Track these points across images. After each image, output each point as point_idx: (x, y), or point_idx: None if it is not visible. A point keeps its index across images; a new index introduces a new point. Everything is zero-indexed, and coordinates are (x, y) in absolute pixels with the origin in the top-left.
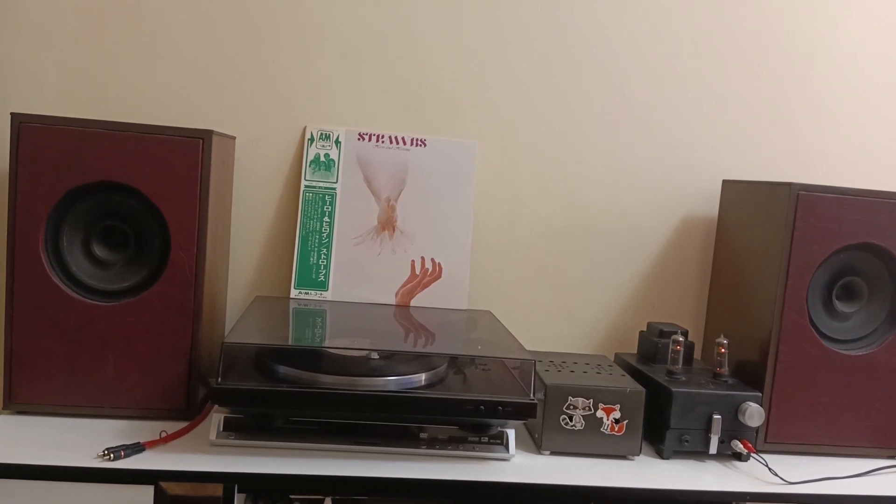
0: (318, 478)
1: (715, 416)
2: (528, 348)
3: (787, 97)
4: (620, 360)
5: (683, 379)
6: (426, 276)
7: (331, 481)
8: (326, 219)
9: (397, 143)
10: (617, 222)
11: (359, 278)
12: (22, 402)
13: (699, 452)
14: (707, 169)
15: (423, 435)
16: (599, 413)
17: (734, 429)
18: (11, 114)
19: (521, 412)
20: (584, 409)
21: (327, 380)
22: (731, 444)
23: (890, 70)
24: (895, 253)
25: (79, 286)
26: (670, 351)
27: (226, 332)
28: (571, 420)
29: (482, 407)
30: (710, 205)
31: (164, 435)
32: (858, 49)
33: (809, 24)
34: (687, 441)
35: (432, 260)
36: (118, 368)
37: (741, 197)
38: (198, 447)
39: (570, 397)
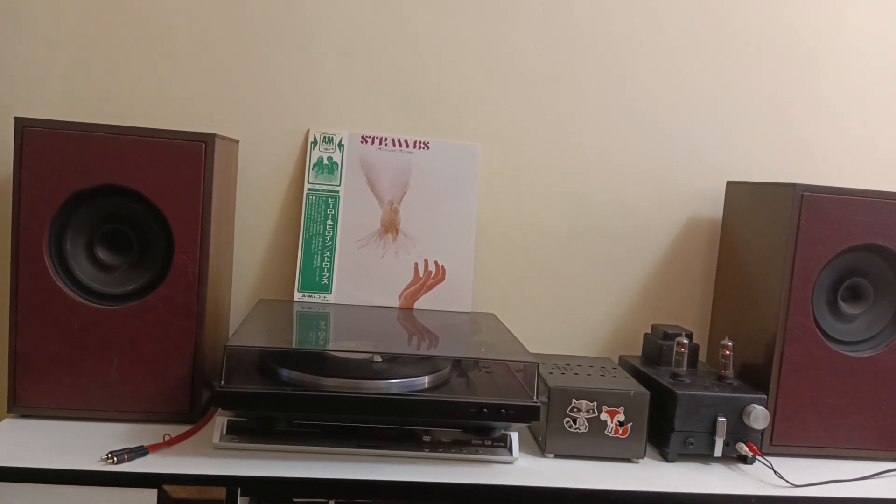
0: (321, 481)
1: (720, 419)
2: (531, 351)
3: (791, 97)
4: (624, 363)
5: (688, 381)
6: (429, 278)
7: (334, 484)
8: (330, 222)
9: (400, 145)
10: (621, 224)
11: (362, 281)
12: (26, 406)
13: (704, 455)
14: (711, 170)
15: (426, 438)
16: (603, 416)
17: (739, 431)
18: (15, 118)
19: (525, 415)
20: (587, 411)
21: (330, 383)
22: (736, 446)
23: None
24: None
25: (82, 290)
26: (675, 353)
27: (229, 336)
28: (575, 423)
29: (485, 410)
30: (714, 206)
31: (167, 438)
32: (864, 48)
33: (814, 22)
34: (691, 444)
35: (436, 262)
36: (122, 372)
37: (745, 198)
38: (201, 450)
39: (573, 400)
